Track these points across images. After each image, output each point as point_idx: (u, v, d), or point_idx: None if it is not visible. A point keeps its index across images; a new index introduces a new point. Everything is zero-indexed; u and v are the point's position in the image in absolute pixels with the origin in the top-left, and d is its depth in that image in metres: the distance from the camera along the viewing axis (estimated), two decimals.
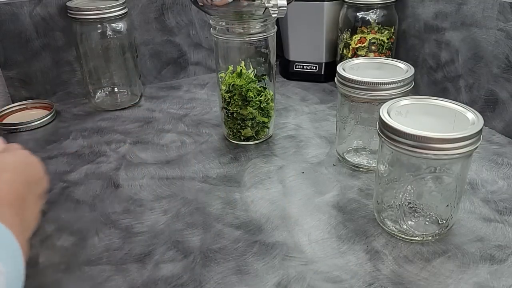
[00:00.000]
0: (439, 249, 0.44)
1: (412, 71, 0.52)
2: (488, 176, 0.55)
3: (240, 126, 0.63)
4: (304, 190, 0.54)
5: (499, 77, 0.63)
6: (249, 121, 0.62)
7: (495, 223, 0.47)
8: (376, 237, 0.45)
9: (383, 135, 0.42)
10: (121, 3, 0.73)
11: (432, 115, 0.43)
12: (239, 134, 0.64)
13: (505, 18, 0.60)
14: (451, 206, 0.44)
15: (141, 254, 0.44)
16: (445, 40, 0.71)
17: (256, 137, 0.64)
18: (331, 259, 0.43)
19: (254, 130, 0.63)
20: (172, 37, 0.88)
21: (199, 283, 0.41)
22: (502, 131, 0.64)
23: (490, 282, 0.39)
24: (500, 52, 0.62)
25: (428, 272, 0.41)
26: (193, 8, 0.88)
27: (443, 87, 0.73)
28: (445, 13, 0.70)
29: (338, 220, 0.48)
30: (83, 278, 0.42)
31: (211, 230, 0.47)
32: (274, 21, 0.60)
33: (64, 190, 0.55)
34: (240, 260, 0.43)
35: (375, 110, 0.52)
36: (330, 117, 0.72)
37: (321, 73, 0.87)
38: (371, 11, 0.75)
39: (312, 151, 0.62)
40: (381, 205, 0.46)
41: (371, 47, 0.77)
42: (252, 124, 0.62)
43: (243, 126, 0.62)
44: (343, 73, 0.53)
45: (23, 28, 0.75)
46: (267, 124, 0.64)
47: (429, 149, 0.38)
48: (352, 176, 0.56)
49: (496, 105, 0.64)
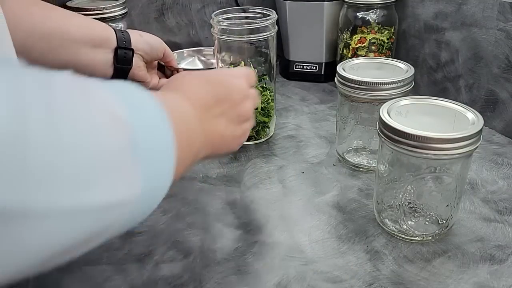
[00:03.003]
0: (439, 249, 0.44)
1: (412, 71, 0.52)
2: (488, 176, 0.55)
3: None
4: (304, 190, 0.54)
5: (499, 77, 0.63)
6: None
7: (495, 223, 0.47)
8: (376, 237, 0.45)
9: (383, 135, 0.42)
10: (121, 3, 0.73)
11: (432, 115, 0.43)
12: None
13: (505, 18, 0.60)
14: (451, 206, 0.43)
15: (141, 254, 0.44)
16: (445, 40, 0.71)
17: (256, 136, 0.64)
18: (331, 259, 0.43)
19: (255, 130, 0.63)
20: (172, 37, 0.88)
21: (199, 283, 0.41)
22: (502, 131, 0.64)
23: (490, 282, 0.39)
24: (500, 52, 0.62)
25: (428, 272, 0.41)
26: (193, 8, 0.88)
27: (443, 87, 0.73)
28: (445, 13, 0.70)
29: (338, 220, 0.48)
30: (83, 278, 0.42)
31: (211, 230, 0.47)
32: (274, 21, 0.60)
33: None
34: (240, 260, 0.43)
35: (375, 110, 0.52)
36: (330, 117, 0.72)
37: (321, 73, 0.87)
38: (371, 11, 0.75)
39: (312, 151, 0.62)
40: (381, 205, 0.46)
41: (371, 47, 0.77)
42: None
43: None
44: (343, 73, 0.53)
45: None
46: (268, 124, 0.64)
47: (429, 149, 0.38)
48: (352, 176, 0.56)
49: (496, 105, 0.64)
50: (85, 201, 0.21)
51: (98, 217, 0.23)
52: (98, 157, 0.22)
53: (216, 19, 0.60)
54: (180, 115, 0.33)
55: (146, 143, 0.26)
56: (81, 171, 0.21)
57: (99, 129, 0.23)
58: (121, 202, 0.24)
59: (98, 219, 0.23)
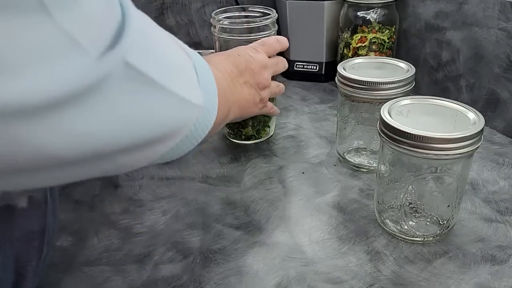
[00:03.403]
0: (440, 250, 0.43)
1: (413, 71, 0.52)
2: (489, 176, 0.54)
3: (241, 124, 0.62)
4: (304, 190, 0.53)
5: (500, 77, 0.62)
6: (250, 120, 0.62)
7: (496, 223, 0.47)
8: (377, 237, 0.45)
9: (384, 135, 0.41)
10: None
11: (433, 115, 0.43)
12: (240, 133, 0.64)
13: (506, 17, 0.60)
14: (452, 206, 0.43)
15: (140, 254, 0.44)
16: (446, 39, 0.70)
17: (257, 136, 0.64)
18: (332, 259, 0.43)
19: (255, 129, 0.63)
20: None
21: (198, 284, 0.40)
22: (503, 131, 0.64)
23: (491, 283, 0.39)
24: (501, 51, 0.61)
25: (429, 272, 0.41)
26: (193, 8, 0.88)
27: (444, 86, 0.73)
28: (446, 12, 0.69)
29: (338, 220, 0.48)
30: (83, 278, 0.41)
31: (211, 230, 0.47)
32: (274, 21, 0.60)
33: (63, 190, 0.55)
34: (240, 261, 0.43)
35: (375, 110, 0.52)
36: (330, 117, 0.72)
37: (322, 73, 0.87)
38: (372, 10, 0.75)
39: (312, 151, 0.62)
40: (382, 205, 0.46)
41: (372, 47, 0.76)
42: (253, 123, 0.62)
43: (244, 124, 0.62)
44: (344, 73, 0.52)
45: None
46: (268, 123, 0.64)
47: (430, 149, 0.38)
48: (353, 176, 0.56)
49: (497, 105, 0.64)
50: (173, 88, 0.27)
51: (179, 108, 0.28)
52: (180, 63, 0.29)
53: (217, 18, 0.59)
54: (216, 76, 0.38)
55: (201, 75, 0.32)
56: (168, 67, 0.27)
57: (176, 50, 0.30)
58: (194, 103, 0.30)
59: (178, 110, 0.28)
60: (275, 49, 0.54)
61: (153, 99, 0.25)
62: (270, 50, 0.53)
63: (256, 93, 0.50)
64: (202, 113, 0.31)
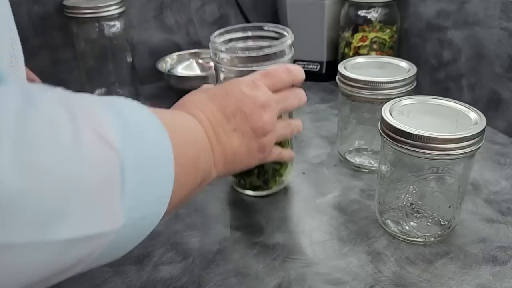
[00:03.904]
0: (442, 251, 0.43)
1: (414, 70, 0.52)
2: (490, 176, 0.54)
3: (244, 172, 0.50)
4: (305, 191, 0.53)
5: (502, 77, 0.62)
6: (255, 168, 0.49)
7: (497, 224, 0.46)
8: (378, 238, 0.45)
9: (385, 135, 0.41)
10: (118, 2, 0.72)
11: (435, 115, 0.43)
12: (243, 182, 0.53)
13: (507, 17, 0.59)
14: (454, 207, 0.43)
15: (139, 255, 0.44)
16: (447, 39, 0.70)
17: (265, 186, 0.52)
18: (333, 260, 0.42)
19: (262, 179, 0.52)
20: (171, 36, 0.87)
21: (198, 285, 0.40)
22: (505, 131, 0.64)
23: (493, 284, 0.39)
24: (503, 51, 0.61)
25: (430, 273, 0.40)
26: (192, 7, 0.88)
27: (445, 86, 0.72)
28: (447, 11, 0.69)
29: (339, 221, 0.48)
30: (82, 279, 0.41)
31: (210, 231, 0.47)
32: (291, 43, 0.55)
33: None
34: (240, 262, 0.43)
35: (377, 110, 0.52)
36: (331, 117, 0.72)
37: (322, 72, 0.86)
38: (373, 9, 0.75)
39: (313, 151, 0.62)
40: (383, 206, 0.46)
41: (373, 46, 0.76)
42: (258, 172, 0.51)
43: (247, 173, 0.51)
44: (345, 72, 0.52)
45: (21, 27, 0.74)
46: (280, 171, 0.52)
47: (431, 149, 0.38)
48: (354, 177, 0.55)
49: (498, 105, 0.64)
50: (51, 236, 0.19)
51: (68, 250, 0.20)
52: (73, 187, 0.20)
53: (220, 47, 0.45)
54: (185, 134, 0.31)
55: (136, 171, 0.23)
56: (50, 203, 0.19)
57: (81, 154, 0.20)
58: (97, 235, 0.21)
59: (67, 252, 0.21)
60: (284, 81, 0.42)
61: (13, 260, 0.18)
62: (276, 83, 0.41)
63: (252, 141, 0.38)
64: (120, 234, 0.23)
